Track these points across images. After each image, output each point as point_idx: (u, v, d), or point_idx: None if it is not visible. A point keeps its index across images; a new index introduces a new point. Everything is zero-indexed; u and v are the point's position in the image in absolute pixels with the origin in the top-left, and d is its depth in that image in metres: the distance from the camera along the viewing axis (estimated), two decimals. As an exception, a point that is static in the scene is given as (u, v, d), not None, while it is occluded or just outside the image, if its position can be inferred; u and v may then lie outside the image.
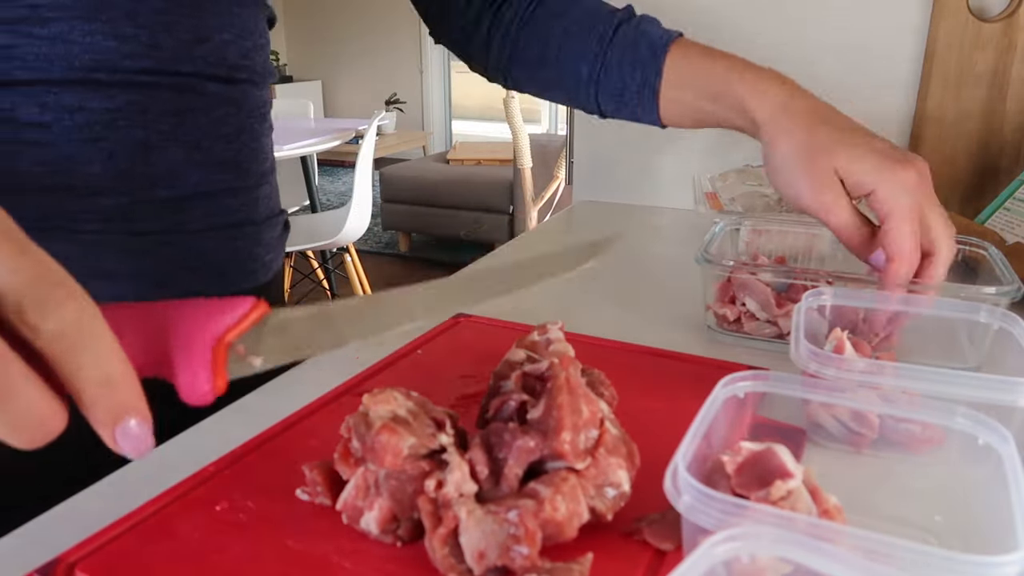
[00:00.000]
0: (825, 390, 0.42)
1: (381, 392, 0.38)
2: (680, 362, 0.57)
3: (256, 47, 0.60)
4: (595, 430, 0.38)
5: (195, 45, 0.54)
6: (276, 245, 0.68)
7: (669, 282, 0.81)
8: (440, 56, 6.08)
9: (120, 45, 0.50)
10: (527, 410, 0.39)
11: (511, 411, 0.40)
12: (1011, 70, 0.92)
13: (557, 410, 0.37)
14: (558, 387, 0.38)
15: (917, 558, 0.26)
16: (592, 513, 0.36)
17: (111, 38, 0.50)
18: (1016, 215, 0.82)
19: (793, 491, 0.33)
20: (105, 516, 0.38)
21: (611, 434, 0.38)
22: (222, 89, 0.57)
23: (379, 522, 0.36)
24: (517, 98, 3.54)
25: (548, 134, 4.90)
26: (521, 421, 0.39)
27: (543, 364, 0.41)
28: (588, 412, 0.37)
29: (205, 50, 0.55)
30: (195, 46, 0.54)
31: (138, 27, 0.51)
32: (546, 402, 0.38)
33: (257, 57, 0.60)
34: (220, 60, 0.56)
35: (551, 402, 0.37)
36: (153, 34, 0.52)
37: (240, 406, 0.53)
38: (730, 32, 1.07)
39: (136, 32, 0.51)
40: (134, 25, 0.51)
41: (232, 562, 0.36)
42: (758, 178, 0.96)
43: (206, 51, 0.55)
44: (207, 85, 0.56)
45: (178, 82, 0.54)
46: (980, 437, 0.36)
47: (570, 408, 0.37)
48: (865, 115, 0.97)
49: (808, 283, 0.58)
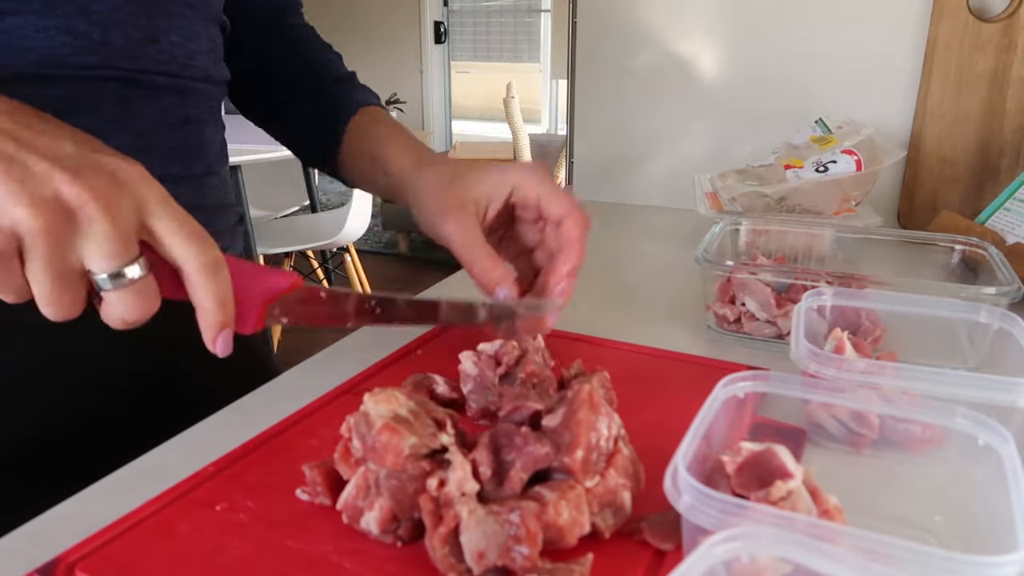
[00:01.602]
0: (825, 390, 0.42)
1: (382, 391, 0.38)
2: (680, 362, 0.57)
3: (203, 50, 0.61)
4: (608, 450, 0.37)
5: (145, 44, 0.55)
6: (229, 234, 0.69)
7: (669, 282, 0.81)
8: (440, 56, 6.08)
9: (72, 41, 0.51)
10: (541, 416, 0.39)
11: (525, 416, 0.40)
12: (1011, 70, 0.92)
13: (576, 426, 0.36)
14: (580, 401, 0.37)
15: (917, 558, 0.26)
16: (592, 527, 0.36)
17: (64, 34, 0.50)
18: (1016, 215, 0.82)
19: (793, 491, 0.33)
20: (105, 516, 0.38)
21: (623, 454, 0.38)
22: (168, 82, 0.58)
23: (379, 522, 0.36)
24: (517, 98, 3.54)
25: (548, 134, 4.90)
26: (534, 426, 0.39)
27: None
28: (606, 432, 0.37)
29: (154, 49, 0.56)
30: (145, 45, 0.55)
31: (90, 24, 0.51)
32: (565, 413, 0.37)
33: (203, 60, 0.61)
34: (169, 59, 0.57)
35: (570, 415, 0.37)
36: (105, 31, 0.52)
37: (240, 406, 0.53)
38: (730, 33, 1.07)
39: (88, 29, 0.51)
40: (87, 22, 0.51)
41: (232, 562, 0.36)
42: (758, 178, 0.96)
43: (155, 51, 0.56)
44: (154, 78, 0.57)
45: (126, 76, 0.54)
46: (980, 437, 0.36)
47: (588, 426, 0.37)
48: (865, 115, 0.98)
49: (808, 283, 0.58)
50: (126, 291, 0.37)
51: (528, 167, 0.57)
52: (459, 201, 0.55)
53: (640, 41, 1.12)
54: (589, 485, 0.36)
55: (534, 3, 5.63)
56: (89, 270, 0.37)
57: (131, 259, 0.37)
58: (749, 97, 1.07)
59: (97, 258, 0.36)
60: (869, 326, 0.55)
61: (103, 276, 0.37)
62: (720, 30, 1.08)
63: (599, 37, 1.15)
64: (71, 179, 0.35)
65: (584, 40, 1.17)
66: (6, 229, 0.35)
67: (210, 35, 0.63)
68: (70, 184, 0.35)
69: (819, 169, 0.89)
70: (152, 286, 0.38)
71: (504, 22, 5.82)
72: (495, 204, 0.56)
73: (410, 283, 3.81)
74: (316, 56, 0.75)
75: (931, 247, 0.70)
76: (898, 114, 1.00)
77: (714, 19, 1.08)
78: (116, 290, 0.37)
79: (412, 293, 0.54)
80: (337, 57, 0.77)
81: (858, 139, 0.91)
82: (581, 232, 0.55)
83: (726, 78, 1.09)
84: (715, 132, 1.11)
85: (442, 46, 5.90)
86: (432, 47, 5.98)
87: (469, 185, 0.56)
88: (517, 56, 5.83)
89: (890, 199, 1.02)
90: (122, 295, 0.37)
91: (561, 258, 0.55)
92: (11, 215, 0.34)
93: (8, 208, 0.34)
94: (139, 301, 0.38)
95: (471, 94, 6.15)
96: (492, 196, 0.56)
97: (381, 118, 0.70)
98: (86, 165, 0.36)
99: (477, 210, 0.56)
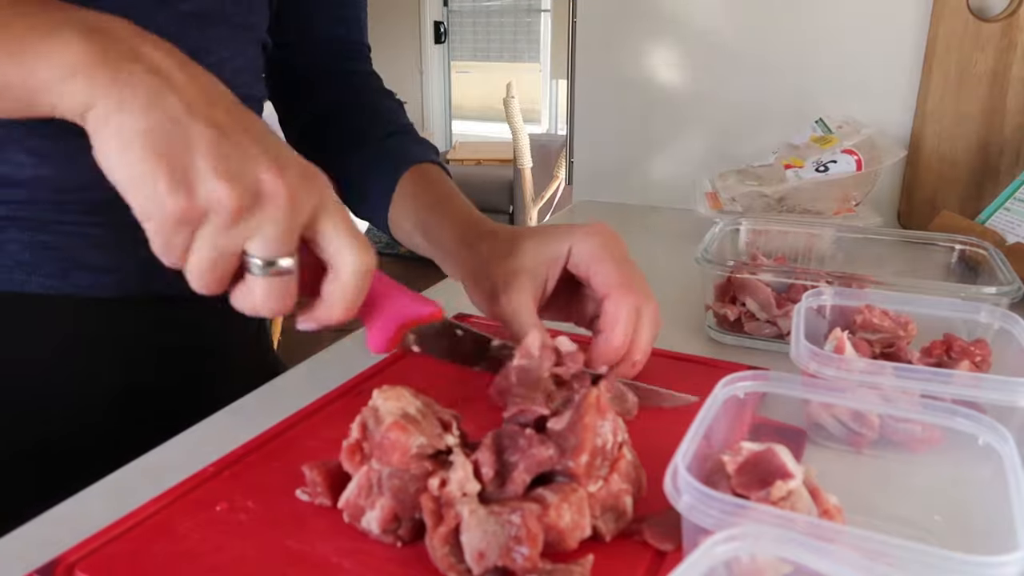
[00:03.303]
0: (825, 390, 0.42)
1: (391, 389, 0.38)
2: (680, 362, 0.57)
3: (248, 68, 0.62)
4: (613, 455, 0.37)
5: (196, 56, 0.55)
6: None
7: (669, 282, 0.81)
8: (440, 56, 6.08)
9: None
10: (546, 420, 0.39)
11: (530, 420, 0.40)
12: (1011, 70, 0.92)
13: (582, 430, 0.36)
14: (587, 405, 0.37)
15: (917, 558, 0.26)
16: (592, 530, 0.36)
17: None
18: (1016, 215, 0.82)
19: (793, 491, 0.33)
20: (105, 516, 0.38)
21: (626, 459, 0.38)
22: None
23: (380, 521, 0.36)
24: (517, 98, 3.54)
25: (548, 134, 4.90)
26: (539, 428, 0.39)
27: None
28: (611, 438, 0.37)
29: (204, 64, 0.55)
30: (196, 57, 0.55)
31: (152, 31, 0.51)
32: (572, 417, 0.37)
33: (247, 77, 0.61)
34: (217, 75, 0.57)
35: (577, 419, 0.37)
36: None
37: (240, 406, 0.53)
38: (730, 33, 1.07)
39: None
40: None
41: (232, 562, 0.36)
42: (758, 178, 0.96)
43: (205, 65, 0.55)
44: None
45: None
46: (980, 437, 0.36)
47: (594, 431, 0.37)
48: (865, 115, 0.98)
49: (808, 283, 0.58)
50: (273, 280, 0.38)
51: (589, 232, 0.52)
52: (512, 277, 0.52)
53: (640, 41, 1.12)
54: (592, 490, 0.36)
55: (534, 3, 5.63)
56: (247, 253, 0.38)
57: (290, 252, 0.38)
58: (749, 97, 1.07)
59: (263, 245, 0.37)
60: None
61: (258, 262, 0.38)
62: (721, 30, 1.08)
63: (599, 37, 1.15)
64: (275, 168, 0.37)
65: (584, 40, 1.17)
66: (199, 200, 0.35)
67: (255, 54, 0.63)
68: (273, 173, 0.36)
69: (819, 169, 0.89)
70: (294, 282, 0.39)
71: (504, 22, 5.82)
72: (554, 272, 0.53)
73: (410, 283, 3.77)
74: (372, 107, 0.72)
75: (931, 247, 0.70)
76: (898, 114, 1.00)
77: (714, 19, 1.08)
78: (265, 276, 0.38)
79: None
80: (397, 106, 0.74)
81: (858, 139, 0.91)
82: (624, 313, 0.50)
83: (726, 78, 1.08)
84: (715, 132, 1.11)
85: (442, 46, 5.90)
86: (432, 47, 5.98)
87: (523, 257, 0.53)
88: (517, 56, 5.83)
89: (890, 199, 1.02)
90: (268, 283, 0.38)
91: (600, 339, 0.50)
92: (209, 187, 0.35)
93: (209, 180, 0.35)
94: (280, 292, 0.39)
95: (471, 94, 6.14)
96: (551, 264, 0.52)
97: (432, 179, 0.66)
98: (286, 158, 0.38)
99: (534, 282, 0.52)
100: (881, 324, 0.51)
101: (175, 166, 0.35)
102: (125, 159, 0.35)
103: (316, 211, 0.39)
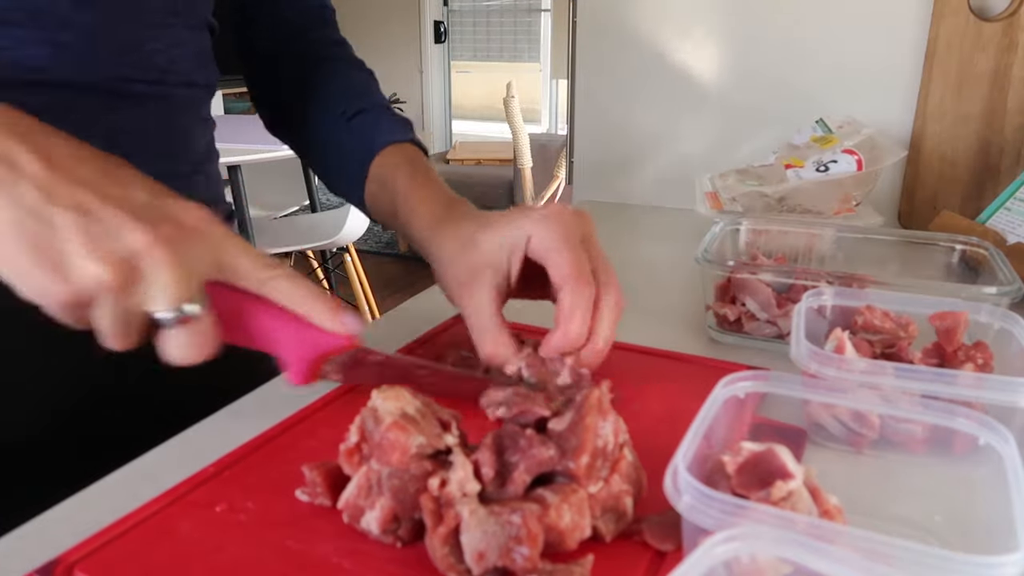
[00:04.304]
0: (825, 390, 0.42)
1: (391, 389, 0.38)
2: (680, 362, 0.57)
3: (187, 56, 0.61)
4: (613, 456, 0.37)
5: (126, 53, 0.55)
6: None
7: (669, 282, 0.81)
8: (440, 56, 6.08)
9: (55, 52, 0.50)
10: (547, 421, 0.39)
11: (530, 421, 0.40)
12: (1011, 70, 0.92)
13: (583, 431, 0.36)
14: (589, 406, 0.37)
15: (917, 558, 0.26)
16: (593, 531, 0.36)
17: (47, 46, 0.50)
18: (1016, 215, 0.82)
19: (793, 491, 0.33)
20: (105, 516, 0.38)
21: (627, 460, 0.38)
22: (149, 89, 0.58)
23: (380, 522, 0.36)
24: (517, 98, 3.54)
25: (548, 134, 4.90)
26: (539, 429, 0.39)
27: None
28: (612, 439, 0.37)
29: (135, 58, 0.56)
30: (126, 54, 0.55)
31: (73, 35, 0.51)
32: (573, 418, 0.37)
33: (185, 65, 0.61)
34: (150, 66, 0.57)
35: (578, 420, 0.37)
36: (86, 42, 0.52)
37: (239, 407, 0.53)
38: (730, 33, 1.07)
39: (70, 40, 0.51)
40: (69, 34, 0.51)
41: (232, 562, 0.36)
42: (758, 178, 0.96)
43: (136, 59, 0.56)
44: (135, 86, 0.56)
45: (108, 84, 0.54)
46: (980, 437, 0.36)
47: (595, 432, 0.37)
48: (866, 115, 0.98)
49: (808, 283, 0.58)
50: (185, 328, 0.39)
51: (546, 216, 0.51)
52: (473, 272, 0.52)
53: (640, 41, 1.12)
54: (592, 490, 0.36)
55: (534, 3, 5.63)
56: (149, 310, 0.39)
57: (190, 299, 0.39)
58: (749, 97, 1.07)
59: (160, 302, 0.39)
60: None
61: (165, 316, 0.39)
62: (721, 30, 1.08)
63: (599, 37, 1.15)
64: (147, 230, 0.37)
65: (584, 40, 1.17)
66: (79, 283, 0.37)
67: (195, 40, 0.62)
68: (145, 236, 0.37)
69: (820, 169, 0.89)
70: (210, 326, 0.40)
71: (504, 22, 5.82)
72: (516, 262, 0.51)
73: (410, 283, 3.81)
74: (340, 83, 0.71)
75: (931, 247, 0.70)
76: (899, 114, 1.00)
77: (714, 19, 1.08)
78: (175, 327, 0.39)
79: (411, 293, 0.54)
80: (367, 77, 0.72)
81: (859, 139, 0.91)
82: (579, 305, 0.49)
83: (726, 78, 1.08)
84: (715, 132, 1.11)
85: (442, 46, 5.89)
86: (432, 47, 5.98)
87: (483, 250, 0.52)
88: (517, 56, 5.83)
89: (890, 199, 1.02)
90: (182, 332, 0.39)
91: (557, 332, 0.49)
92: (84, 270, 0.36)
93: (81, 264, 0.36)
94: (196, 339, 0.40)
95: (471, 94, 6.15)
96: (511, 254, 0.51)
97: (402, 160, 0.64)
98: (155, 214, 0.39)
99: (496, 275, 0.51)
100: (882, 326, 0.51)
101: (47, 256, 0.36)
102: (2, 254, 0.36)
103: (214, 252, 0.41)
